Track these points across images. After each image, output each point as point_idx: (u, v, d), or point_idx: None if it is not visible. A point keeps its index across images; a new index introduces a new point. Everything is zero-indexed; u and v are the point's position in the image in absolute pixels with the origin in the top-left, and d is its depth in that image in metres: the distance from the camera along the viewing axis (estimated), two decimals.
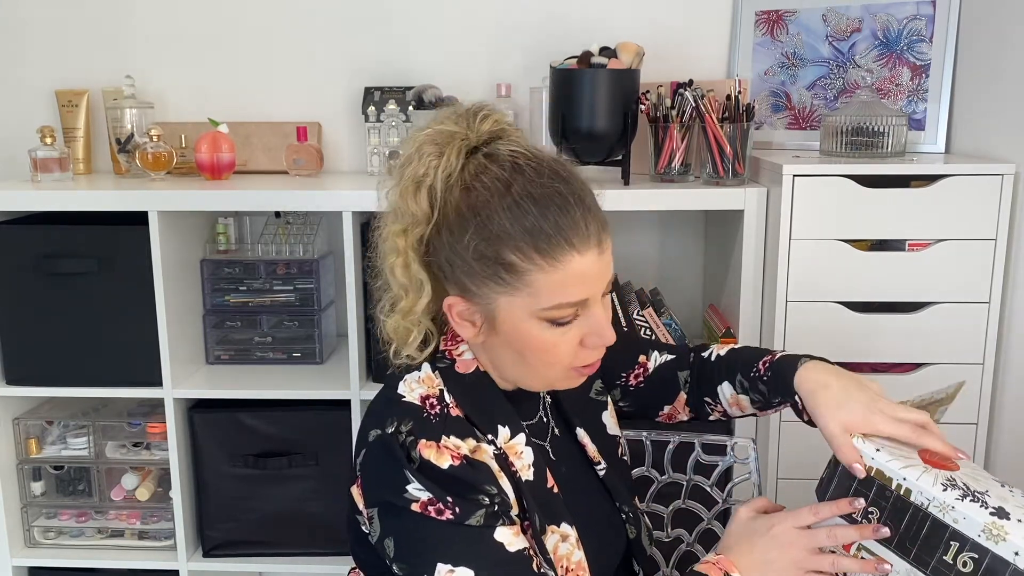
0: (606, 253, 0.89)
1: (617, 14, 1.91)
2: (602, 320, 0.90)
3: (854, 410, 0.93)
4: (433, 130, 0.91)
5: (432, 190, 0.89)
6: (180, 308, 1.71)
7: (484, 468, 0.89)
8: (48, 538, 1.82)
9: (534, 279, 0.86)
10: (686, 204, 1.60)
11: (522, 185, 0.86)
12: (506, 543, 0.87)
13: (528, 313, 0.88)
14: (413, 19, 1.94)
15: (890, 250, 1.53)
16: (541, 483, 0.96)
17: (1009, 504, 0.81)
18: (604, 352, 0.94)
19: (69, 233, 1.65)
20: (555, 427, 1.05)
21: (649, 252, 2.00)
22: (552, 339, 0.89)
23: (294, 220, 1.90)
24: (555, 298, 0.87)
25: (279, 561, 1.78)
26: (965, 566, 0.81)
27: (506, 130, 0.93)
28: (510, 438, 0.95)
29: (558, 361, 0.91)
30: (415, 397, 0.93)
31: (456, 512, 0.86)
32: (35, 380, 1.71)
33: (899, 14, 1.80)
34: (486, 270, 0.87)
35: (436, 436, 0.89)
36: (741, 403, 1.11)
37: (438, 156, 0.89)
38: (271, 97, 1.98)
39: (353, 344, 1.65)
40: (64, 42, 1.98)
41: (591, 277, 0.88)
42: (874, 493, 0.88)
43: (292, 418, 1.73)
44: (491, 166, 0.88)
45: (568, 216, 0.86)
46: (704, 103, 1.60)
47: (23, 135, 1.89)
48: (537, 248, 0.85)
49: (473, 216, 0.87)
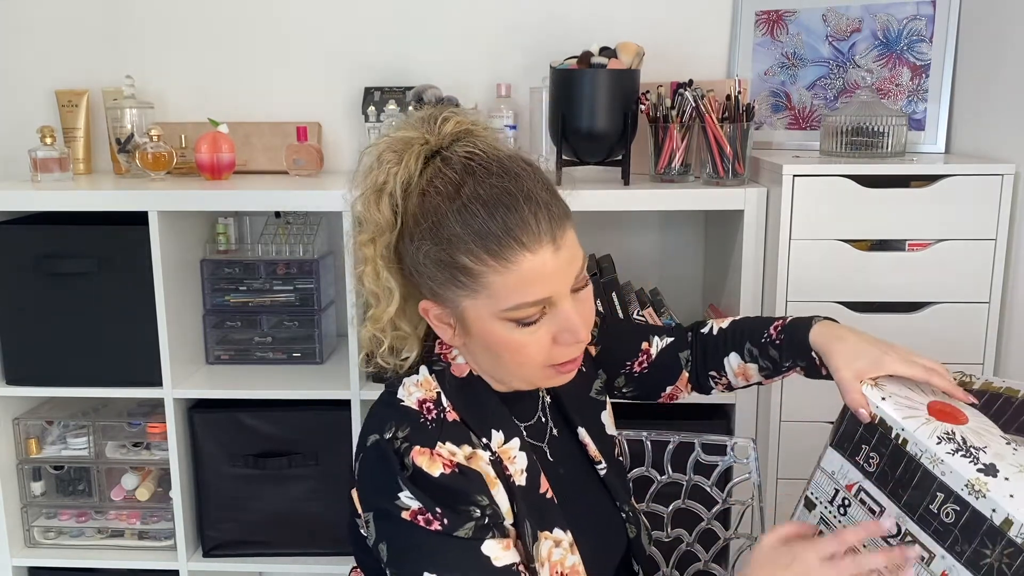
0: (564, 249, 0.86)
1: (617, 14, 1.91)
2: (572, 317, 0.88)
3: (868, 356, 0.95)
4: (392, 137, 0.91)
5: (392, 197, 0.89)
6: (180, 308, 1.71)
7: (476, 477, 0.89)
8: (48, 538, 1.82)
9: (490, 281, 0.85)
10: (686, 204, 1.60)
11: (471, 187, 0.85)
12: (493, 557, 0.87)
13: (491, 314, 0.87)
14: (413, 19, 1.94)
15: (890, 250, 1.53)
16: (534, 488, 0.95)
17: (1003, 462, 0.83)
18: (582, 349, 0.92)
19: (69, 233, 1.65)
20: (554, 427, 1.05)
21: (649, 252, 2.00)
22: (521, 339, 0.88)
23: (294, 220, 1.90)
24: (513, 299, 0.85)
25: (279, 561, 1.78)
26: (948, 516, 0.84)
27: (471, 130, 0.92)
28: (504, 442, 0.95)
29: (530, 360, 0.90)
30: (413, 401, 0.93)
31: (444, 523, 0.85)
32: (35, 380, 1.71)
33: (899, 14, 1.80)
34: (444, 274, 0.87)
35: (431, 443, 0.88)
36: (748, 372, 1.12)
37: (397, 163, 0.89)
38: (271, 97, 1.98)
39: (353, 344, 1.65)
40: (64, 42, 1.98)
41: (549, 275, 0.86)
42: (876, 440, 0.91)
43: (292, 418, 1.73)
44: (445, 170, 0.87)
45: (516, 215, 0.84)
46: (704, 103, 1.60)
47: (23, 135, 1.89)
48: (488, 250, 0.84)
49: (427, 221, 0.87)
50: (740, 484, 1.37)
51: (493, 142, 0.92)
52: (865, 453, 0.93)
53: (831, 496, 0.98)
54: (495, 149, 0.90)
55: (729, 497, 1.40)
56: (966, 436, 0.86)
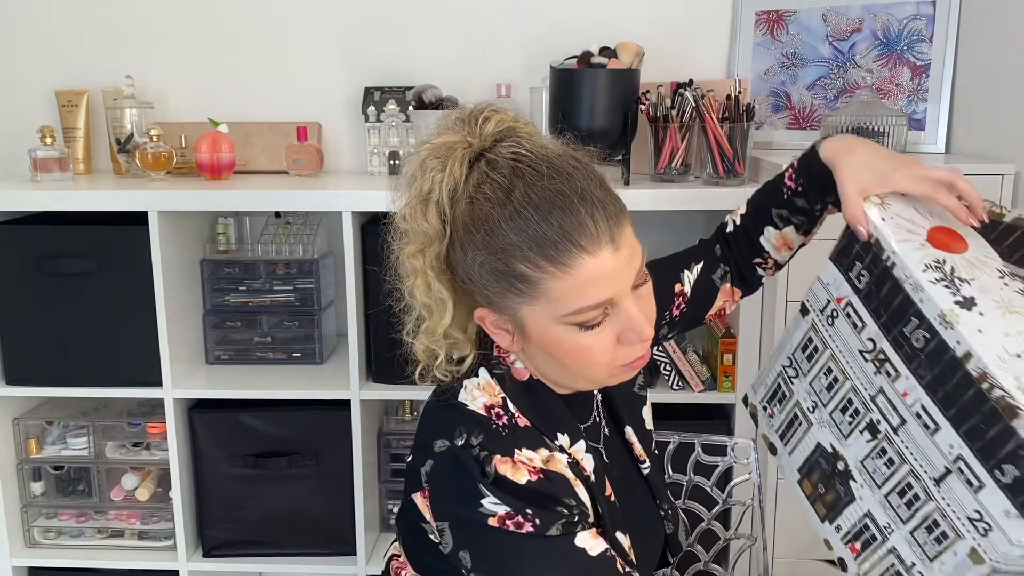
0: (623, 248, 0.83)
1: (617, 14, 1.91)
2: (635, 316, 0.85)
3: (876, 170, 0.93)
4: (434, 143, 0.88)
5: (440, 205, 0.85)
6: (180, 308, 1.71)
7: (561, 480, 0.87)
8: (48, 538, 1.82)
9: (549, 287, 0.82)
10: (686, 204, 1.60)
11: (522, 191, 0.82)
12: (588, 548, 0.85)
13: (553, 320, 0.84)
14: (413, 19, 1.94)
15: None
16: (601, 491, 0.94)
17: (986, 296, 0.83)
18: (648, 346, 0.89)
19: (69, 233, 1.65)
20: (606, 427, 1.03)
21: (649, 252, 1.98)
22: (585, 342, 0.85)
23: (294, 220, 1.90)
24: (575, 303, 0.82)
25: (279, 561, 1.78)
26: (917, 342, 0.85)
27: (513, 128, 0.89)
28: (571, 445, 0.93)
29: (595, 363, 0.87)
30: (479, 406, 0.89)
31: (536, 524, 0.83)
32: (35, 380, 1.71)
33: (899, 14, 1.80)
34: (501, 283, 0.84)
35: (509, 451, 0.86)
36: (788, 238, 1.09)
37: (441, 170, 0.85)
38: (271, 97, 1.98)
39: (353, 344, 1.65)
40: (64, 42, 1.98)
41: (609, 276, 0.82)
42: (869, 259, 0.92)
43: (292, 418, 1.73)
44: (492, 174, 0.84)
45: (572, 217, 0.81)
46: (704, 103, 1.60)
47: (23, 135, 1.89)
48: (545, 256, 0.81)
49: (478, 230, 0.83)
50: (740, 484, 1.37)
51: (538, 139, 0.89)
52: (857, 270, 0.93)
53: (823, 305, 1.00)
54: (542, 147, 0.87)
55: (729, 497, 1.40)
56: (956, 266, 0.86)
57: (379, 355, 1.69)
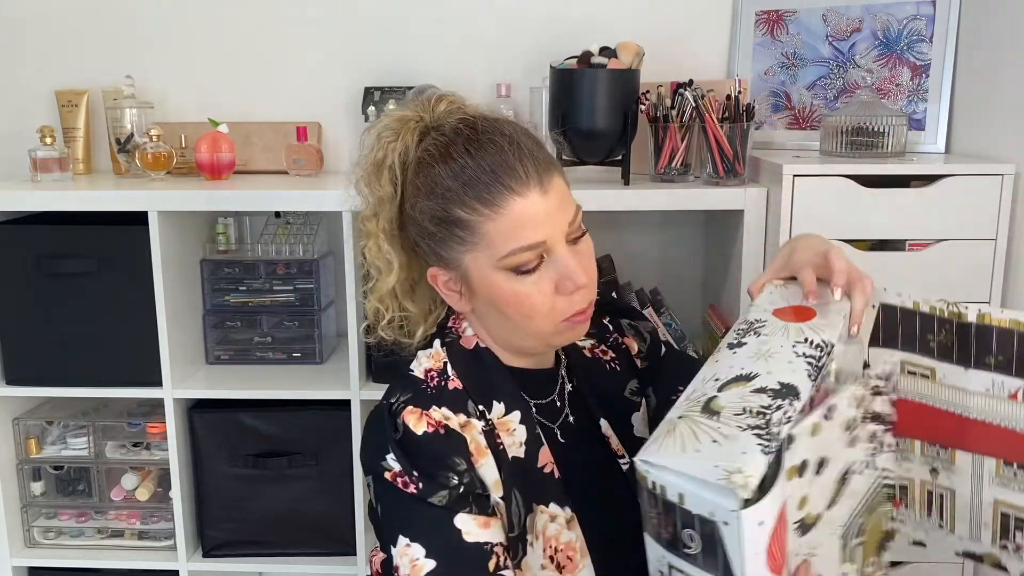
0: (552, 193, 0.91)
1: (617, 14, 1.91)
2: (569, 263, 0.91)
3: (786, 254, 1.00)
4: (390, 117, 0.98)
5: (392, 170, 0.95)
6: (180, 308, 1.71)
7: (459, 441, 0.91)
8: (48, 538, 1.82)
9: (486, 230, 0.90)
10: (686, 204, 1.60)
11: (461, 145, 0.91)
12: (465, 531, 0.88)
13: (491, 266, 0.91)
14: (413, 19, 1.94)
15: (890, 250, 1.53)
16: (531, 463, 0.97)
17: (775, 375, 0.85)
18: (587, 298, 0.94)
19: (69, 233, 1.65)
20: (571, 414, 1.05)
21: (649, 252, 2.00)
22: (523, 289, 0.91)
23: (294, 220, 1.90)
24: (509, 244, 0.89)
25: (279, 561, 1.78)
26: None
27: (462, 108, 0.98)
28: (504, 414, 0.97)
29: (536, 312, 0.92)
30: (420, 371, 0.97)
31: (419, 487, 0.88)
32: (35, 380, 1.71)
33: (899, 14, 1.80)
34: (443, 231, 0.92)
35: (427, 405, 0.92)
36: None
37: (394, 139, 0.95)
38: (271, 97, 1.98)
39: (353, 344, 1.65)
40: (64, 42, 1.98)
41: (540, 218, 0.89)
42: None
43: (292, 418, 1.73)
44: (437, 137, 0.94)
45: (501, 163, 0.89)
46: (704, 103, 1.60)
47: (23, 135, 1.89)
48: (478, 198, 0.89)
49: (424, 184, 0.92)
50: None
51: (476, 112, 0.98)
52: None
53: None
54: (485, 116, 0.96)
55: None
56: (771, 342, 0.89)
57: (379, 355, 1.69)
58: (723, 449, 0.78)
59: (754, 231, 1.58)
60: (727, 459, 0.77)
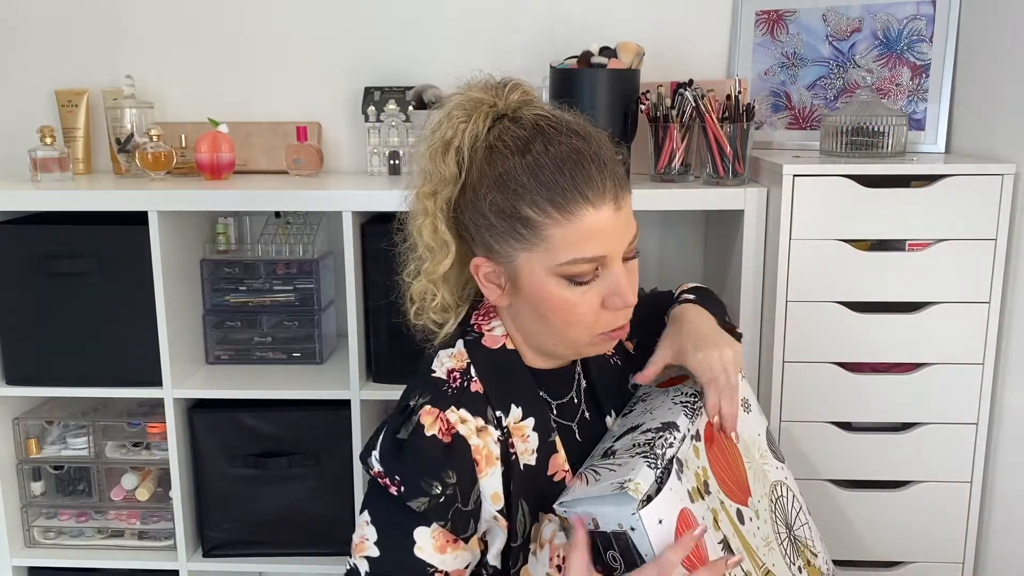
0: (624, 211, 0.90)
1: (617, 14, 1.91)
2: (622, 280, 0.91)
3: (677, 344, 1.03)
4: (463, 96, 0.97)
5: (460, 152, 0.92)
6: (180, 308, 1.71)
7: (463, 454, 0.92)
8: (48, 538, 1.82)
9: (550, 233, 0.88)
10: (686, 204, 1.60)
11: (541, 144, 0.89)
12: (417, 545, 0.90)
13: (546, 269, 0.90)
14: (413, 19, 1.94)
15: (890, 250, 1.53)
16: (541, 470, 0.97)
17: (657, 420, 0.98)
18: (629, 315, 0.95)
19: (69, 233, 1.65)
20: (587, 410, 1.06)
21: (649, 252, 2.00)
22: (572, 298, 0.90)
23: (294, 220, 1.90)
24: (571, 252, 0.88)
25: (279, 561, 1.78)
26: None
27: (533, 100, 0.98)
28: (520, 419, 0.97)
29: (579, 322, 0.92)
30: (443, 371, 0.97)
31: (400, 490, 0.90)
32: (35, 380, 1.71)
33: (899, 14, 1.80)
34: (505, 225, 0.90)
35: (445, 406, 0.92)
36: None
37: (465, 120, 0.94)
38: (271, 97, 1.98)
39: (353, 344, 1.65)
40: (64, 42, 1.98)
41: (607, 233, 0.89)
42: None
43: (292, 418, 1.73)
44: (514, 128, 0.92)
45: (583, 171, 0.88)
46: (704, 103, 1.60)
47: (23, 135, 1.89)
48: (552, 201, 0.87)
49: (494, 174, 0.90)
50: None
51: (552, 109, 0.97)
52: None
53: None
54: (561, 112, 0.95)
55: None
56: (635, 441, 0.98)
57: (379, 355, 1.69)
58: (617, 473, 0.88)
59: (754, 231, 1.58)
60: (620, 477, 0.87)
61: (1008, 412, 1.53)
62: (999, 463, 1.55)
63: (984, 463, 1.56)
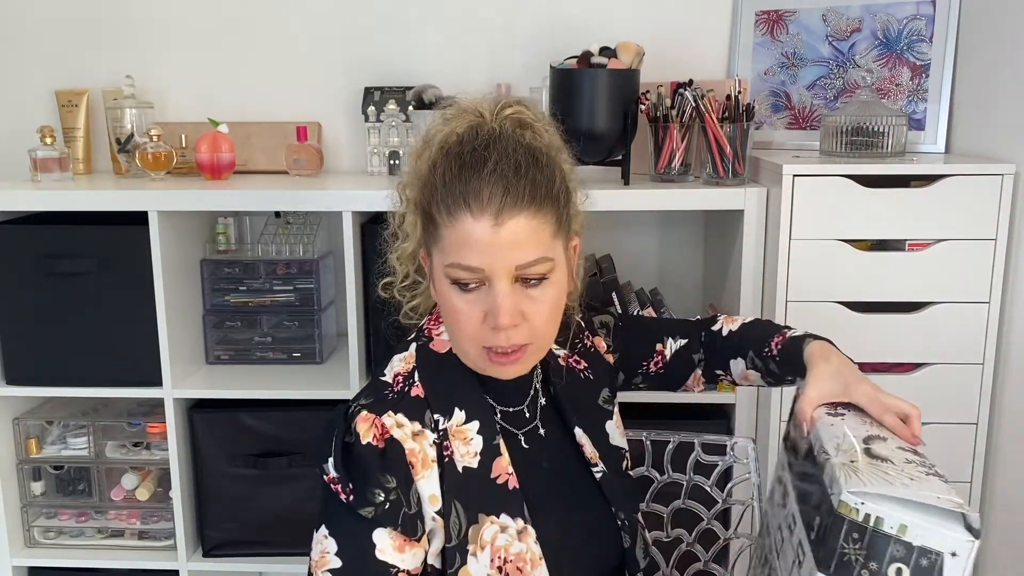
0: (506, 228, 0.89)
1: (617, 14, 1.91)
2: (499, 300, 0.90)
3: (839, 381, 1.00)
4: (462, 102, 1.00)
5: (431, 152, 0.97)
6: (180, 308, 1.71)
7: (397, 457, 0.93)
8: (48, 538, 1.82)
9: (442, 233, 0.92)
10: (686, 204, 1.60)
11: (466, 150, 0.93)
12: (379, 547, 0.92)
13: (440, 269, 0.94)
14: (413, 19, 1.94)
15: (890, 250, 1.53)
16: (484, 473, 0.97)
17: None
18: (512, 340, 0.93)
19: (69, 233, 1.65)
20: (541, 426, 1.06)
21: (649, 252, 2.00)
22: (458, 303, 0.93)
23: (294, 220, 1.90)
24: (452, 256, 0.92)
25: (279, 561, 1.78)
26: (812, 533, 0.87)
27: (529, 123, 0.99)
28: (464, 422, 0.98)
29: (462, 330, 0.94)
30: (391, 375, 0.99)
31: (350, 499, 0.92)
32: (35, 380, 1.71)
33: (899, 14, 1.80)
34: (425, 221, 0.95)
35: (382, 411, 0.94)
36: (751, 377, 1.17)
37: (445, 125, 0.97)
38: (271, 97, 1.98)
39: (353, 344, 1.65)
40: (64, 42, 1.98)
41: (483, 247, 0.90)
42: (804, 452, 0.99)
43: (292, 418, 1.73)
44: (472, 138, 0.95)
45: (476, 180, 0.90)
46: (704, 103, 1.61)
47: (23, 135, 1.89)
48: (444, 201, 0.91)
49: (429, 172, 0.95)
50: (740, 484, 1.37)
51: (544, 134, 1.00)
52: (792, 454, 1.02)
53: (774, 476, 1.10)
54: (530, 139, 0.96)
55: (729, 497, 1.40)
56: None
57: (379, 355, 1.69)
58: (926, 486, 0.80)
59: (754, 231, 1.58)
60: (943, 492, 0.79)
61: (1008, 412, 1.53)
62: (999, 463, 1.55)
63: (984, 463, 1.56)
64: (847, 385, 0.99)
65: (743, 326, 1.19)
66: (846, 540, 0.80)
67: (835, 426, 0.95)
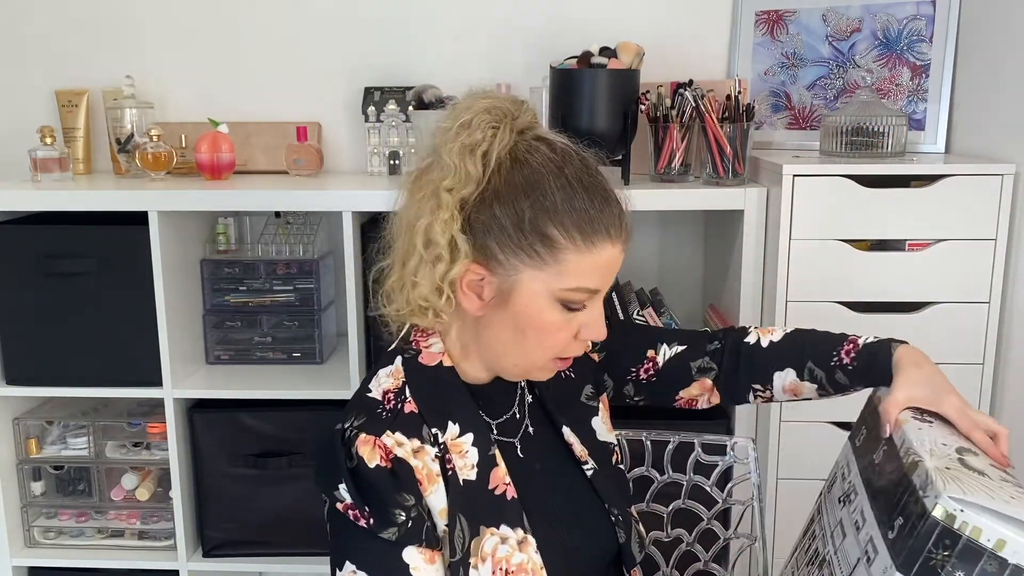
0: (624, 253, 0.95)
1: (617, 14, 1.91)
2: (600, 316, 0.95)
3: (931, 388, 0.98)
4: (491, 101, 0.95)
5: (486, 157, 0.92)
6: (180, 308, 1.71)
7: (408, 475, 0.91)
8: (48, 538, 1.82)
9: (567, 257, 0.90)
10: (686, 204, 1.60)
11: (573, 171, 0.92)
12: (412, 566, 0.91)
13: (548, 291, 0.91)
14: (413, 19, 1.94)
15: (890, 250, 1.53)
16: (482, 485, 0.96)
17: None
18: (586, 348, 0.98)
19: (69, 233, 1.65)
20: (531, 426, 1.06)
21: (649, 252, 2.00)
22: (558, 322, 0.93)
23: (294, 220, 1.90)
24: (578, 280, 0.91)
25: (279, 561, 1.78)
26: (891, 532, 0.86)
27: (536, 125, 0.99)
28: (458, 435, 0.97)
29: (552, 345, 0.95)
30: (379, 391, 0.96)
31: (371, 523, 0.90)
32: (35, 380, 1.71)
33: (899, 14, 1.80)
34: (523, 240, 0.90)
35: (380, 431, 0.92)
36: (800, 389, 1.12)
37: (494, 127, 0.93)
38: (271, 97, 1.98)
39: (353, 344, 1.65)
40: (64, 42, 1.98)
41: (611, 270, 0.93)
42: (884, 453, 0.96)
43: (292, 418, 1.73)
44: (542, 147, 0.94)
45: (609, 208, 0.92)
46: (704, 103, 1.61)
47: (23, 135, 1.89)
48: (580, 229, 0.90)
49: (527, 187, 0.91)
50: (740, 484, 1.37)
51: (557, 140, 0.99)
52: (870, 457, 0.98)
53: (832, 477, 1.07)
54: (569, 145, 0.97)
55: (729, 497, 1.40)
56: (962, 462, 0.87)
57: (379, 355, 1.68)
58: None
59: (754, 231, 1.58)
60: None
61: (1008, 412, 1.53)
62: None
63: None
64: (938, 394, 0.98)
65: (790, 337, 1.14)
66: (935, 545, 0.79)
67: (923, 431, 0.94)
